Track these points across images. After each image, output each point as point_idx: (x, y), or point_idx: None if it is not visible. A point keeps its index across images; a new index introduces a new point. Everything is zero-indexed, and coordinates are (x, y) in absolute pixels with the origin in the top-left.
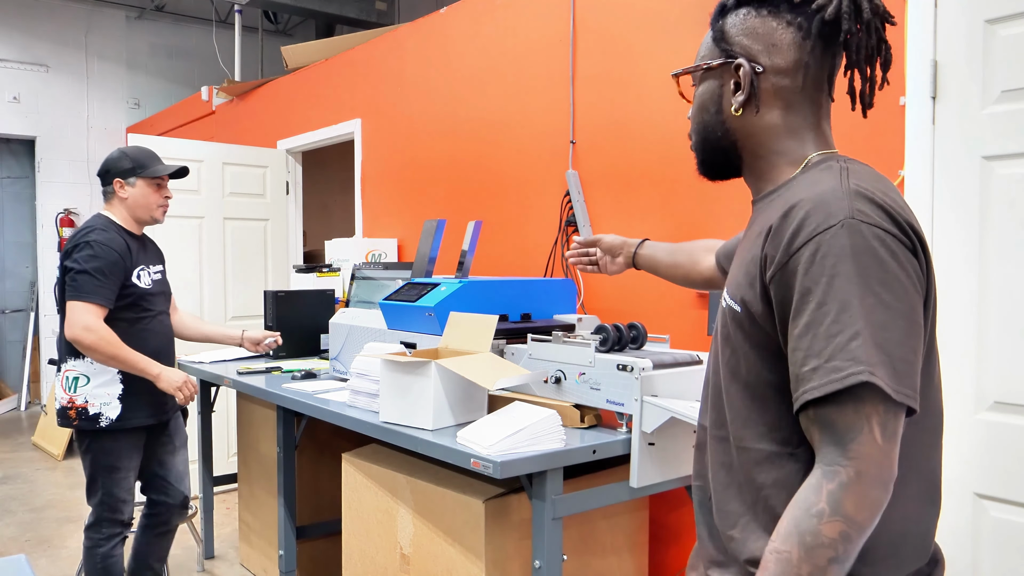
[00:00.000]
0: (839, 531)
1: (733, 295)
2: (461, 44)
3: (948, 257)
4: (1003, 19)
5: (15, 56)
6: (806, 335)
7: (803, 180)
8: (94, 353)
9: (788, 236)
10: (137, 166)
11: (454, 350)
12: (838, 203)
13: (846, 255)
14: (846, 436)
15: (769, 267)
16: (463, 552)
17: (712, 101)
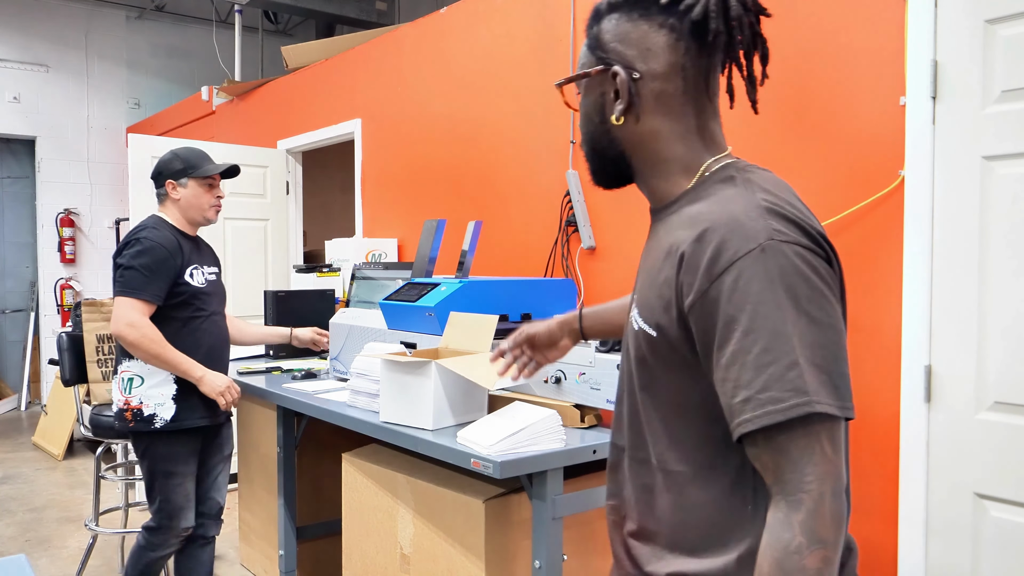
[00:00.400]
0: (822, 558)
1: (646, 319)
2: (461, 44)
3: (948, 257)
4: (1003, 19)
5: (15, 56)
6: (733, 365)
7: (706, 195)
8: (136, 350)
9: (706, 263)
10: (188, 167)
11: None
12: (753, 224)
13: (771, 278)
14: (800, 461)
15: (687, 295)
16: (463, 552)
17: (596, 111)
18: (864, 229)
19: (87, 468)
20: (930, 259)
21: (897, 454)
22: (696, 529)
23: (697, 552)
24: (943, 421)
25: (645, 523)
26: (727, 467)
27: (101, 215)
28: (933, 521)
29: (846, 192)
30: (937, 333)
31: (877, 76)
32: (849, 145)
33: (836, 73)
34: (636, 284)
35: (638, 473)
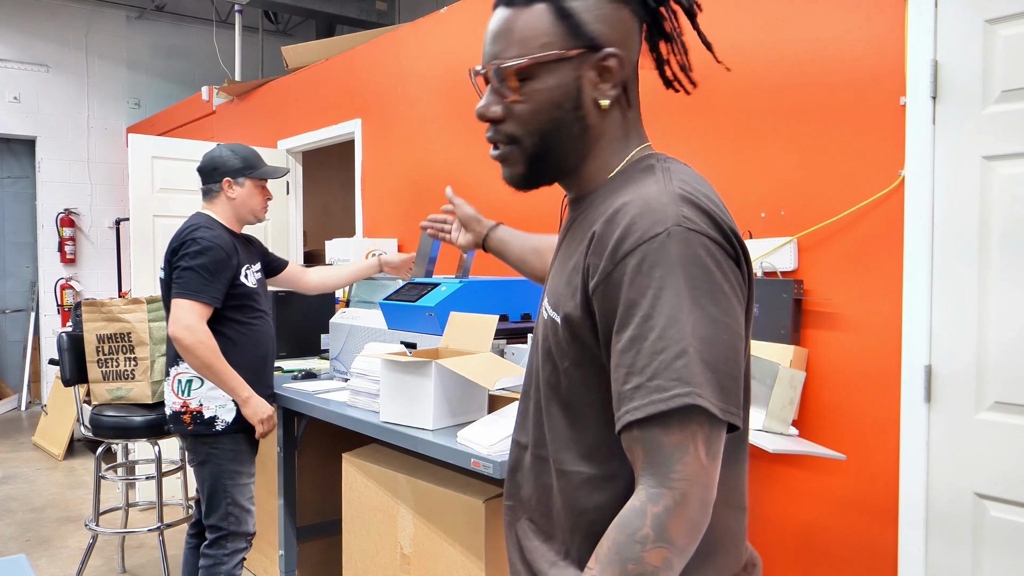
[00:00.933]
0: (663, 557)
1: (554, 306)
2: (461, 44)
3: (948, 257)
4: (1003, 19)
5: (15, 56)
6: (630, 350)
7: (625, 182)
8: (190, 355)
9: (613, 244)
10: (247, 166)
11: (454, 350)
12: (664, 209)
13: (674, 265)
14: (671, 457)
15: (592, 277)
16: (463, 552)
17: (567, 96)
18: (864, 229)
19: (87, 468)
20: (930, 259)
21: (897, 454)
22: (588, 537)
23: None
24: (943, 421)
25: (542, 525)
26: (622, 472)
27: (101, 215)
28: (933, 521)
29: (846, 192)
30: (937, 333)
31: (877, 76)
32: (849, 145)
33: (836, 73)
34: (549, 275)
35: (539, 472)
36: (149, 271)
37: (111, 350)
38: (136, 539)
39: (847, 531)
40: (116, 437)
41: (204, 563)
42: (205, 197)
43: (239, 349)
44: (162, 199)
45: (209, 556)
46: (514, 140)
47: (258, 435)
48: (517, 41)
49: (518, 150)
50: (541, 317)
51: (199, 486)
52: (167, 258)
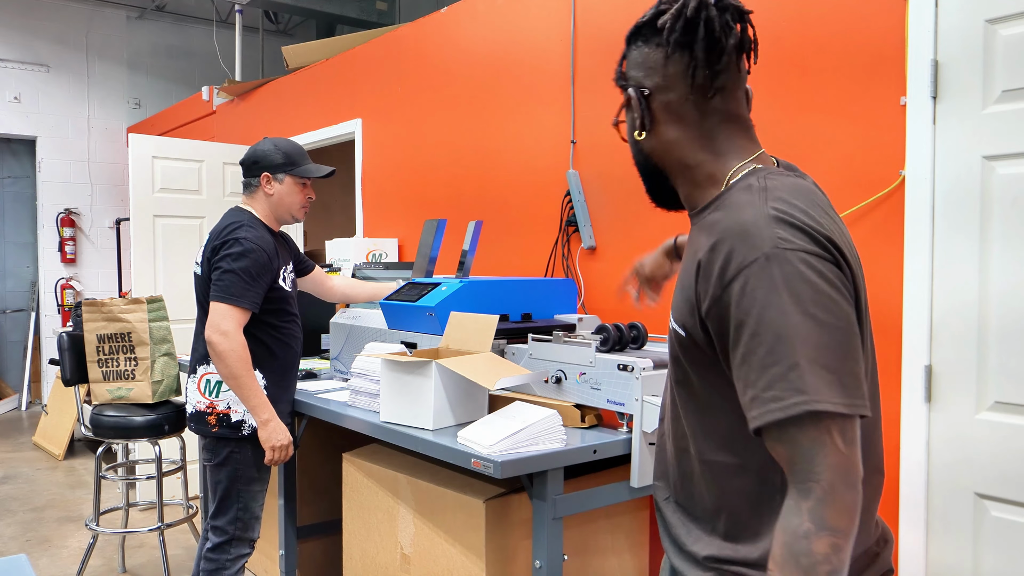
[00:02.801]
0: (829, 544)
1: (677, 320)
2: (461, 44)
3: (948, 257)
4: (1004, 19)
5: (16, 56)
6: (743, 365)
7: (726, 204)
8: (220, 362)
9: (717, 272)
10: (288, 163)
11: (455, 350)
12: (759, 233)
13: (775, 284)
14: (811, 452)
15: (703, 302)
16: (464, 552)
17: (630, 133)
18: (865, 229)
19: (87, 468)
20: (930, 259)
21: (898, 454)
22: (730, 517)
23: (731, 538)
24: (943, 421)
25: (687, 507)
26: (755, 461)
27: (101, 215)
28: (933, 521)
29: (846, 192)
30: (937, 333)
31: (877, 76)
32: (849, 145)
33: (836, 73)
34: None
35: (681, 460)
36: (149, 271)
37: (111, 350)
38: (136, 539)
39: None
40: (116, 437)
41: (206, 567)
42: (245, 191)
43: (271, 353)
44: (162, 199)
45: (212, 560)
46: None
47: (268, 461)
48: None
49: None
50: (670, 326)
51: (210, 487)
52: (206, 255)
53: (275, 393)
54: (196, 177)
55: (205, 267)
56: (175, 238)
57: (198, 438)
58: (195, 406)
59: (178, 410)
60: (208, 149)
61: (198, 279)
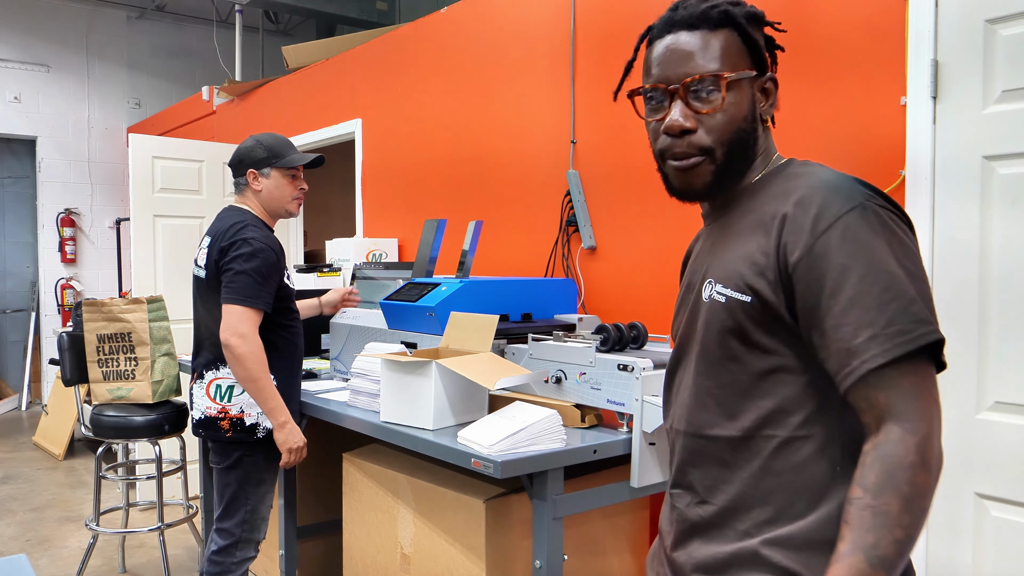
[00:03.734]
0: (927, 482)
1: (737, 287)
2: (461, 44)
3: (948, 257)
4: (1004, 19)
5: (16, 56)
6: (852, 308)
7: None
8: (239, 365)
9: (811, 221)
10: (272, 155)
11: (455, 350)
12: (851, 187)
13: (876, 230)
14: (914, 395)
15: (792, 254)
16: (464, 552)
17: (749, 110)
18: None
19: (88, 468)
20: (931, 259)
21: None
22: (785, 494)
23: (785, 516)
24: (943, 421)
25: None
26: (817, 430)
27: (102, 215)
28: (934, 521)
29: None
30: None
31: (877, 76)
32: (849, 145)
33: (836, 73)
34: (702, 269)
35: (715, 450)
36: (149, 271)
37: (111, 350)
38: (136, 539)
39: None
40: (116, 437)
41: (211, 570)
42: (236, 192)
43: (280, 353)
44: (162, 199)
45: (217, 563)
46: (707, 151)
47: (283, 463)
48: (717, 58)
49: (708, 161)
50: (709, 302)
51: (218, 489)
52: (212, 257)
53: (287, 393)
54: (196, 177)
55: (211, 269)
56: (175, 238)
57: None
58: (204, 412)
59: (178, 410)
60: (208, 149)
61: (200, 281)
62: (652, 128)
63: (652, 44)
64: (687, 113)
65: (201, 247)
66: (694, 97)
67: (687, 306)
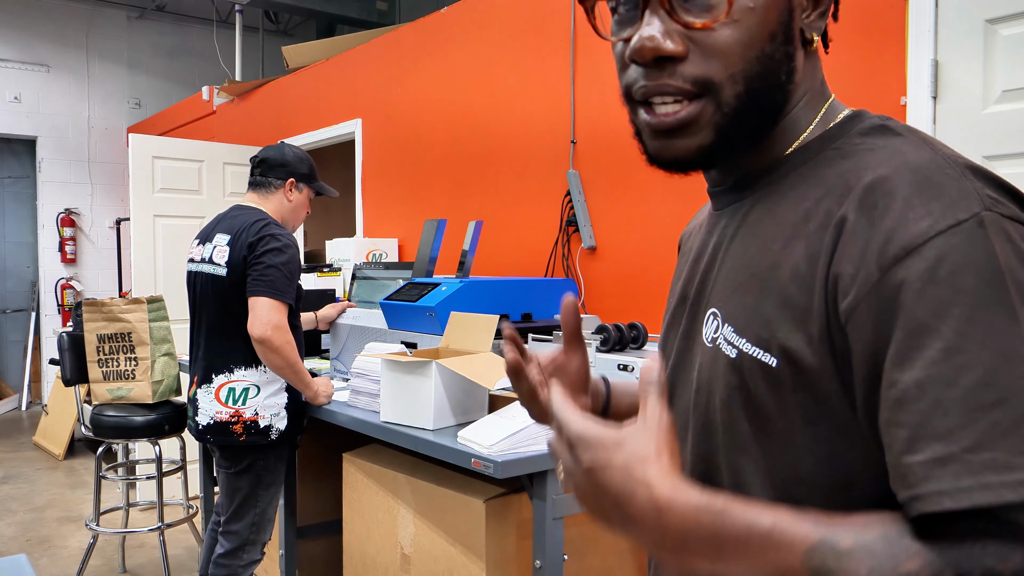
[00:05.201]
0: None
1: (759, 339)
2: (461, 44)
3: None
4: (1003, 19)
5: (16, 56)
6: (920, 399)
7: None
8: (276, 356)
9: (882, 239)
10: (312, 176)
11: (455, 350)
12: (957, 184)
13: (994, 269)
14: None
15: (845, 293)
16: (464, 552)
17: (779, 23)
18: None
19: (88, 468)
20: None
21: None
22: None
23: None
24: None
25: None
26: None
27: (102, 215)
28: None
29: None
30: None
31: (877, 76)
32: None
33: (836, 73)
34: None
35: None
36: (149, 271)
37: (112, 350)
38: (136, 539)
39: None
40: (117, 437)
41: (218, 572)
42: (258, 188)
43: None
44: (163, 199)
45: (224, 566)
46: (710, 88)
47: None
48: None
49: (711, 107)
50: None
51: (227, 493)
52: (241, 253)
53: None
54: (196, 177)
55: (237, 265)
56: (175, 238)
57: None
58: (214, 417)
59: (178, 410)
60: (208, 149)
61: (219, 280)
62: (617, 52)
63: None
64: (670, 28)
65: (215, 244)
66: (682, 2)
67: (676, 327)
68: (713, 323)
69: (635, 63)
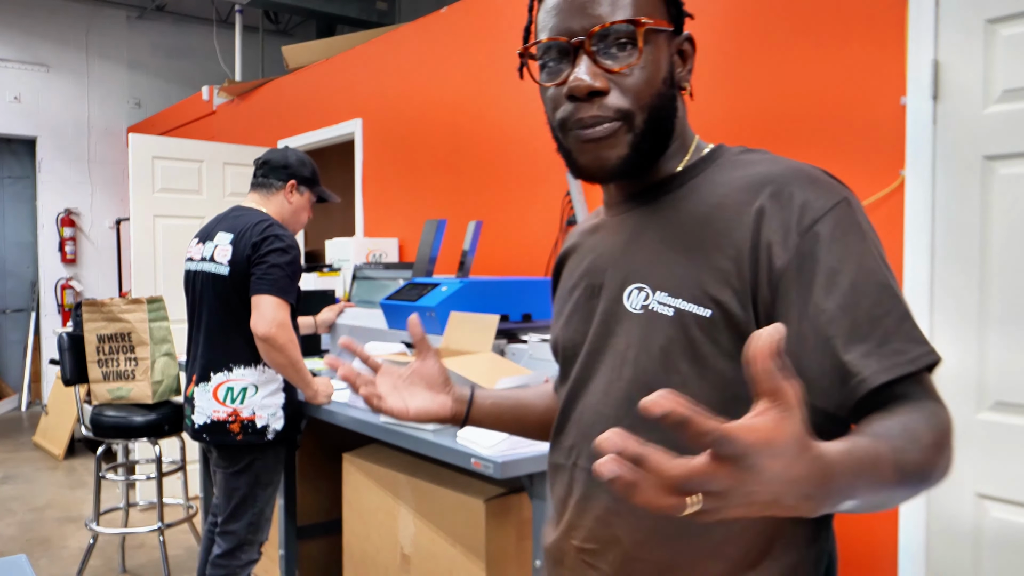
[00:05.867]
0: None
1: (694, 297)
2: (461, 44)
3: (949, 257)
4: (1004, 19)
5: (16, 56)
6: (841, 319)
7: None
8: (280, 354)
9: (796, 217)
10: (314, 180)
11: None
12: (827, 180)
13: (863, 231)
14: (932, 394)
15: (777, 257)
16: (464, 552)
17: (668, 73)
18: None
19: (88, 468)
20: (930, 259)
21: None
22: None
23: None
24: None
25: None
26: None
27: (102, 215)
28: (934, 521)
29: None
30: (937, 333)
31: (877, 76)
32: (849, 145)
33: (836, 73)
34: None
35: None
36: (149, 271)
37: (111, 350)
38: (136, 539)
39: (847, 531)
40: (116, 437)
41: (216, 573)
42: (260, 190)
43: None
44: (163, 199)
45: (221, 566)
46: (625, 115)
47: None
48: (632, 5)
49: (626, 128)
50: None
51: (225, 493)
52: (244, 253)
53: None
54: (196, 177)
55: (240, 265)
56: (175, 238)
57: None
58: (211, 416)
59: (178, 410)
60: (208, 149)
61: (220, 279)
62: (550, 96)
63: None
64: (596, 71)
65: (216, 244)
66: (604, 53)
67: (587, 314)
68: (640, 294)
69: (571, 99)
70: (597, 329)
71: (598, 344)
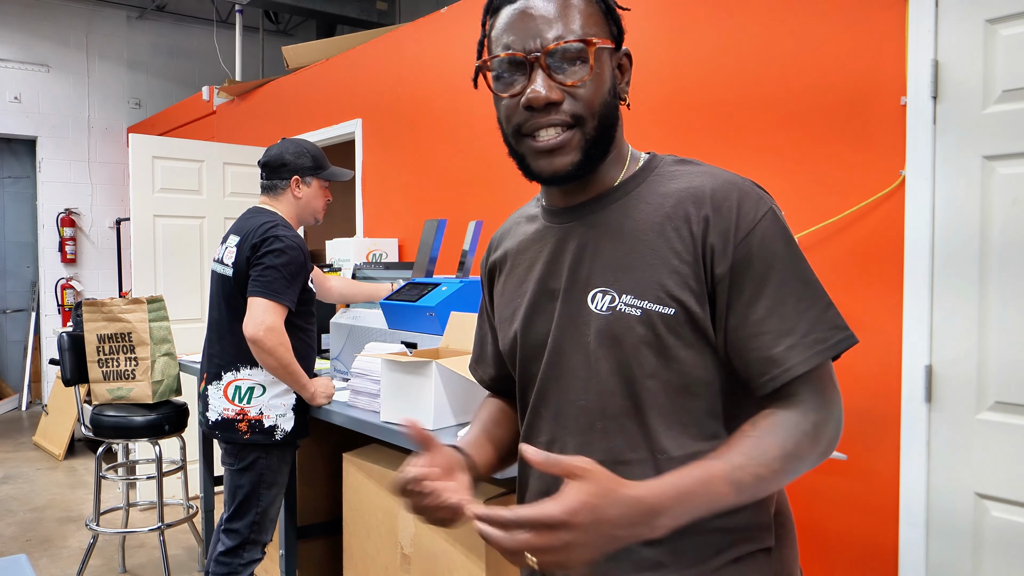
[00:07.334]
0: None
1: (658, 299)
2: (461, 44)
3: (949, 257)
4: (1004, 19)
5: (16, 56)
6: (772, 316)
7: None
8: (269, 357)
9: (734, 224)
10: (317, 166)
11: (455, 350)
12: (754, 190)
13: (788, 237)
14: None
15: (719, 262)
16: (464, 552)
17: (612, 85)
18: (865, 229)
19: (88, 468)
20: (930, 259)
21: (898, 454)
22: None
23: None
24: (943, 421)
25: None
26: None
27: (102, 215)
28: (934, 521)
29: (847, 192)
30: (937, 333)
31: (877, 76)
32: (849, 145)
33: (837, 73)
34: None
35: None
36: (149, 271)
37: (112, 350)
38: (137, 539)
39: (847, 531)
40: (117, 437)
41: (218, 570)
42: (268, 192)
43: (299, 355)
44: (163, 199)
45: (224, 563)
46: (579, 121)
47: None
48: (580, 23)
49: (579, 134)
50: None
51: (231, 490)
52: (244, 253)
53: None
54: (196, 177)
55: (241, 266)
56: (175, 238)
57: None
58: (221, 414)
59: (178, 410)
60: (208, 149)
61: (226, 280)
62: (505, 105)
63: (498, 12)
64: (551, 84)
65: (226, 245)
66: (557, 68)
67: (547, 315)
68: (605, 297)
69: (528, 109)
70: (561, 330)
71: (563, 344)
